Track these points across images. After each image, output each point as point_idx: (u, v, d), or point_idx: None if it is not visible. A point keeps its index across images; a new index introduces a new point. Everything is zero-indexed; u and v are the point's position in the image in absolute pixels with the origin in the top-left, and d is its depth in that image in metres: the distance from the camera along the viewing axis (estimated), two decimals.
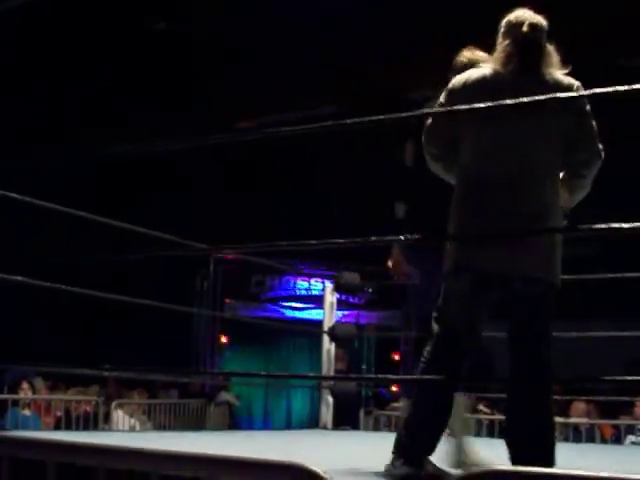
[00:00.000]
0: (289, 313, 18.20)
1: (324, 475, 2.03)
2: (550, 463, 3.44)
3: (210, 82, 13.71)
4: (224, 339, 18.14)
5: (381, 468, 3.64)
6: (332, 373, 8.38)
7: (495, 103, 3.43)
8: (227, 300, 17.87)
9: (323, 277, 15.52)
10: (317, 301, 15.41)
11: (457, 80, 3.86)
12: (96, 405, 9.74)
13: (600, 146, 3.75)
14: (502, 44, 3.83)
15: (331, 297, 8.16)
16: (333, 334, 8.21)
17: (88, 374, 10.16)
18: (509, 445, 3.58)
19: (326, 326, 8.02)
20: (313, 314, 16.99)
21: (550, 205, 3.66)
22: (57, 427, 9.23)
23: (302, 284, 18.28)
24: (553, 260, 3.64)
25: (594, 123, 3.73)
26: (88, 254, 7.55)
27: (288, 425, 16.66)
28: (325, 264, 14.65)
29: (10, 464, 2.57)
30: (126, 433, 8.86)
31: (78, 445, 2.58)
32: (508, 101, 3.36)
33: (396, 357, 16.73)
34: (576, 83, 3.73)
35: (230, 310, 17.90)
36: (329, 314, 8.13)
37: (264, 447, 3.92)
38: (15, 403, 8.92)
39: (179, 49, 13.17)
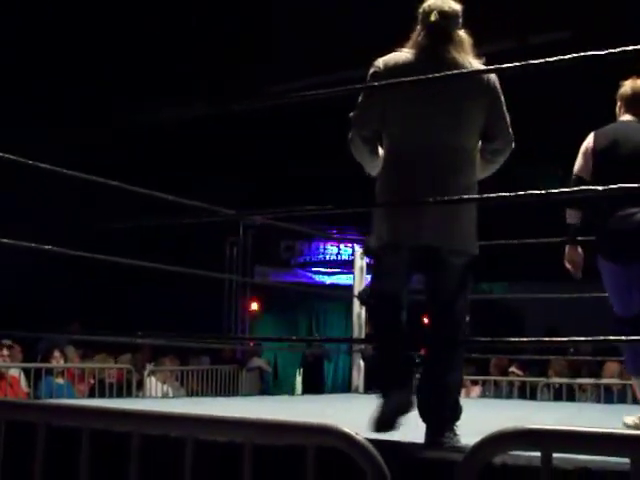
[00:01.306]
0: (319, 278, 18.22)
1: (356, 436, 2.03)
2: (455, 415, 3.77)
3: None
4: (255, 305, 18.20)
5: (411, 430, 3.66)
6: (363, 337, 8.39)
7: (411, 79, 3.69)
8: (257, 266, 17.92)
9: (353, 241, 15.54)
10: (347, 265, 15.44)
11: (379, 63, 4.01)
12: (129, 372, 9.81)
13: (512, 134, 3.96)
14: (415, 32, 4.02)
15: (361, 261, 8.17)
16: (363, 298, 8.22)
17: (119, 342, 10.24)
18: (418, 399, 3.78)
19: (356, 290, 8.03)
20: (343, 279, 17.03)
21: (470, 183, 3.87)
22: (90, 395, 9.30)
23: (332, 249, 18.30)
24: (473, 233, 3.90)
25: (506, 111, 3.92)
26: (118, 222, 7.56)
27: (322, 390, 16.71)
28: (355, 228, 14.64)
29: (45, 432, 2.58)
30: (159, 399, 8.93)
31: (112, 411, 2.59)
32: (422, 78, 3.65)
33: (426, 320, 16.70)
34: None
35: (260, 276, 17.95)
36: (359, 278, 8.14)
37: (297, 411, 3.94)
38: (48, 372, 8.98)
39: None
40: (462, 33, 3.97)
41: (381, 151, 4.08)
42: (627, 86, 5.19)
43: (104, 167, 6.95)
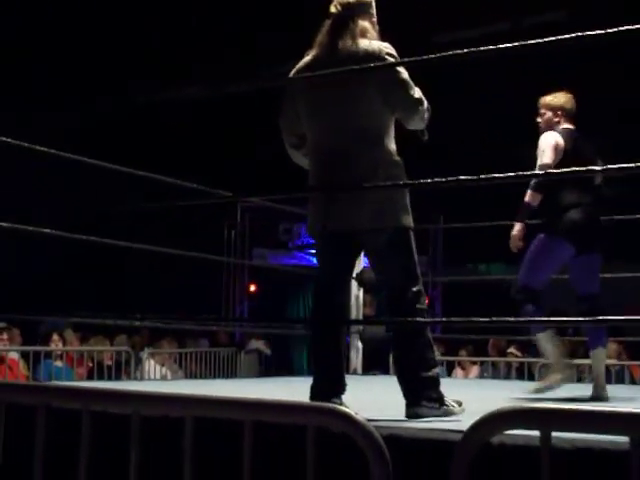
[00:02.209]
0: (315, 259, 18.21)
1: (356, 416, 2.03)
2: (431, 382, 3.88)
3: None
4: (253, 287, 18.20)
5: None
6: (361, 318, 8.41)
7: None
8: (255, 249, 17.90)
9: None
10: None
11: (293, 70, 4.27)
12: (127, 355, 9.83)
13: (417, 95, 4.10)
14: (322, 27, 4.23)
15: None
16: (361, 280, 8.24)
17: (117, 325, 10.25)
18: (398, 372, 4.00)
19: (354, 272, 8.02)
20: None
21: (380, 161, 4.01)
22: (89, 378, 9.32)
23: None
24: (392, 207, 4.00)
25: (404, 77, 4.05)
26: (114, 205, 7.57)
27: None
28: None
29: (45, 414, 2.58)
30: (158, 382, 8.94)
31: (111, 392, 2.60)
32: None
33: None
34: (383, 46, 4.08)
35: (258, 258, 17.94)
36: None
37: (295, 392, 3.95)
38: (47, 355, 8.98)
39: None
40: (363, 21, 4.15)
41: None
42: (568, 99, 5.85)
43: (97, 150, 6.92)
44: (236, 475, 2.23)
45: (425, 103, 4.16)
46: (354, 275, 7.96)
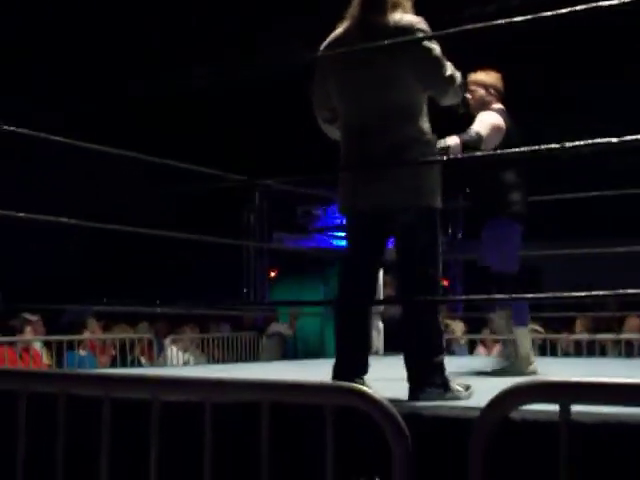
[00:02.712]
0: (337, 242, 18.20)
1: (376, 396, 2.03)
2: (437, 367, 3.83)
3: None
4: (273, 272, 18.21)
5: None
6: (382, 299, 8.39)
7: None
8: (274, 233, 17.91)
9: None
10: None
11: (324, 43, 4.21)
12: (149, 342, 9.86)
13: (449, 72, 4.03)
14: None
15: None
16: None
17: (140, 312, 10.28)
18: (404, 356, 3.92)
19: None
20: None
21: (409, 138, 3.94)
22: (112, 366, 9.35)
23: None
24: (422, 187, 3.93)
25: (436, 54, 3.98)
26: (132, 193, 7.58)
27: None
28: None
29: (66, 401, 2.59)
30: (180, 367, 8.97)
31: (131, 378, 2.61)
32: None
33: (444, 282, 16.69)
34: (415, 21, 3.98)
35: (278, 242, 17.96)
36: None
37: (317, 373, 3.95)
38: (71, 345, 9.01)
39: None
40: None
41: None
42: (499, 78, 5.84)
43: (105, 137, 6.92)
44: (256, 458, 2.24)
45: (458, 79, 4.09)
46: None
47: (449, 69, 4.03)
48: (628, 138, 3.03)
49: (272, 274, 18.19)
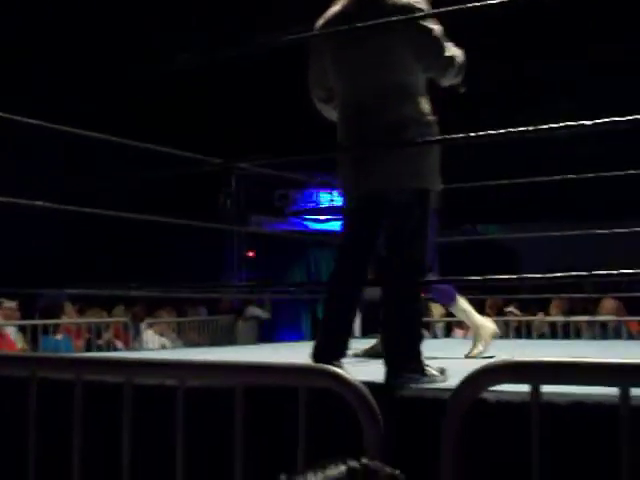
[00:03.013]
0: (313, 225, 18.21)
1: (348, 377, 2.03)
2: (414, 352, 3.76)
3: None
4: (250, 254, 18.21)
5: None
6: None
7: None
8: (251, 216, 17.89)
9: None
10: (340, 212, 15.39)
11: (319, 21, 4.12)
12: (125, 326, 9.84)
13: (449, 53, 3.94)
14: None
15: None
16: None
17: (115, 296, 10.24)
18: (382, 340, 3.90)
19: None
20: (337, 225, 17.03)
21: (408, 118, 3.86)
22: (88, 350, 9.31)
23: (325, 196, 18.28)
24: (419, 167, 3.86)
25: (436, 34, 3.89)
26: (108, 176, 7.54)
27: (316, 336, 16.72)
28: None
29: (38, 384, 2.58)
30: (156, 351, 8.95)
31: (105, 360, 2.60)
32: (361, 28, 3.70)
33: None
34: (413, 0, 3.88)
35: (255, 225, 17.93)
36: None
37: (292, 356, 3.96)
38: (46, 329, 8.96)
39: None
40: None
41: None
42: None
43: (85, 120, 6.88)
44: (229, 439, 2.23)
45: (458, 58, 3.99)
46: None
47: (449, 49, 3.95)
48: (601, 121, 3.02)
49: (250, 254, 18.17)
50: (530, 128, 3.03)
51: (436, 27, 3.90)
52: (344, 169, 4.03)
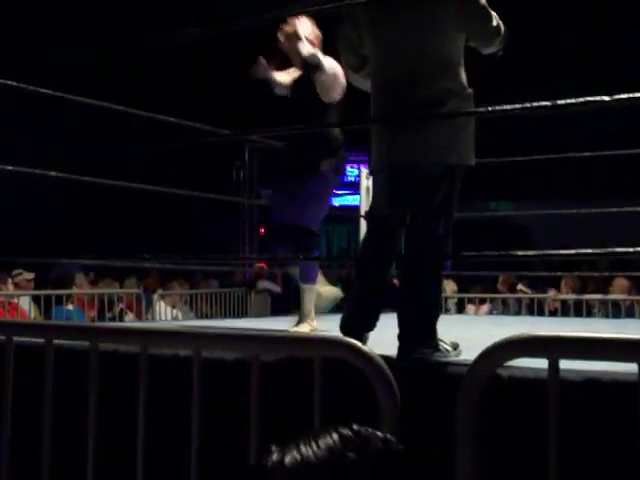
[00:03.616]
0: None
1: (364, 348, 2.03)
2: (429, 328, 3.75)
3: None
4: (262, 229, 18.20)
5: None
6: None
7: None
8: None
9: (358, 162, 15.47)
10: (354, 187, 15.37)
11: None
12: (137, 297, 9.85)
13: (494, 23, 3.86)
14: None
15: (367, 182, 8.13)
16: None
17: (128, 267, 10.26)
18: (398, 314, 3.78)
19: (363, 211, 8.00)
20: (350, 200, 17.00)
21: (446, 91, 3.77)
22: (100, 320, 9.33)
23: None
24: (455, 141, 3.78)
25: (483, 4, 3.81)
26: (118, 148, 7.53)
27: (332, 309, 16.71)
28: (359, 149, 14.55)
29: (52, 352, 2.59)
30: (169, 322, 8.97)
31: (119, 329, 2.60)
32: None
33: None
34: None
35: (267, 199, 17.91)
36: (365, 199, 8.11)
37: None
38: (59, 300, 8.99)
39: None
40: None
41: None
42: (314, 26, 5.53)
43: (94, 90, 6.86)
44: (246, 409, 2.24)
45: (502, 29, 3.90)
46: (363, 213, 7.98)
47: (495, 20, 3.87)
48: (623, 96, 2.98)
49: (262, 230, 18.16)
50: (560, 102, 2.97)
51: None
52: (377, 138, 3.95)
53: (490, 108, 3.28)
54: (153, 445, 2.43)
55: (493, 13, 3.87)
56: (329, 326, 4.11)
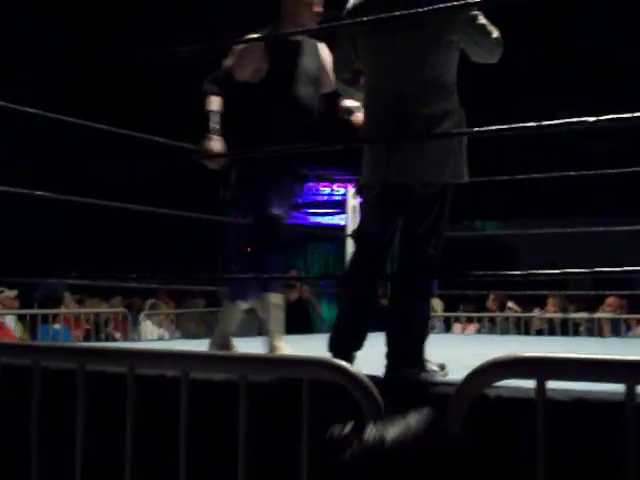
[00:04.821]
0: (313, 219, 18.19)
1: (351, 369, 2.03)
2: (416, 348, 3.73)
3: None
4: (248, 249, 18.19)
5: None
6: None
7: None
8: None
9: (345, 182, 15.50)
10: (340, 206, 15.39)
11: (348, 5, 4.00)
12: (124, 316, 9.83)
13: (495, 35, 3.82)
14: None
15: (353, 201, 8.14)
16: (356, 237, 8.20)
17: (114, 287, 10.24)
18: (387, 332, 3.77)
19: (349, 230, 8.01)
20: (336, 219, 17.04)
21: (444, 111, 3.77)
22: (86, 339, 9.31)
23: (324, 190, 18.27)
24: (449, 161, 3.76)
25: (482, 22, 3.79)
26: (108, 165, 7.53)
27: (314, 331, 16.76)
28: (346, 169, 14.59)
29: (40, 374, 2.58)
30: (155, 341, 8.95)
31: (106, 350, 2.60)
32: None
33: None
34: None
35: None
36: (352, 218, 8.12)
37: (292, 348, 3.95)
38: (45, 319, 8.97)
39: None
40: None
41: None
42: None
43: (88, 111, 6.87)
44: (233, 431, 2.23)
45: (500, 40, 3.84)
46: (349, 231, 7.98)
47: (494, 32, 3.83)
48: (604, 118, 3.00)
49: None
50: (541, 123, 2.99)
51: (478, 12, 3.80)
52: (371, 155, 3.93)
53: (483, 128, 3.29)
54: (141, 466, 2.42)
55: (492, 27, 3.84)
56: (316, 346, 4.09)
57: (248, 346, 4.90)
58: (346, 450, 1.43)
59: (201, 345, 5.22)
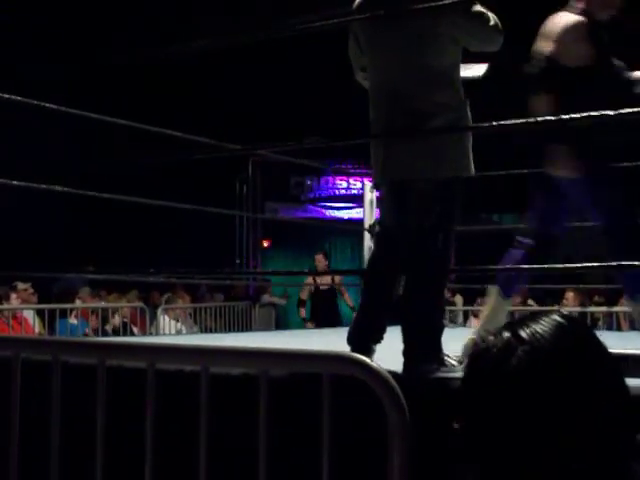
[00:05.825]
0: (330, 213, 18.20)
1: (372, 364, 2.02)
2: (433, 343, 3.76)
3: None
4: (266, 242, 18.21)
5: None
6: None
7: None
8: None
9: (362, 175, 15.50)
10: (357, 200, 15.39)
11: (355, 3, 4.07)
12: (141, 311, 9.85)
13: (492, 23, 3.80)
14: None
15: (370, 195, 8.13)
16: (374, 231, 8.19)
17: (133, 281, 10.27)
18: (402, 329, 3.80)
19: (367, 224, 8.00)
20: (353, 213, 17.04)
21: (440, 104, 3.78)
22: (104, 335, 9.34)
23: (341, 183, 18.26)
24: (448, 155, 3.78)
25: (478, 10, 3.78)
26: (127, 160, 7.53)
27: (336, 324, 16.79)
28: (364, 162, 14.60)
29: (60, 368, 2.58)
30: (173, 336, 8.96)
31: (126, 345, 2.59)
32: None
33: None
34: None
35: (271, 212, 17.94)
36: (369, 212, 8.11)
37: (311, 342, 3.95)
38: (63, 313, 9.00)
39: None
40: None
41: None
42: None
43: (99, 105, 6.88)
44: (254, 426, 2.23)
45: (499, 24, 3.82)
46: (367, 226, 7.97)
47: (492, 19, 3.81)
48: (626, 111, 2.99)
49: (265, 244, 18.18)
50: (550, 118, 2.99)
51: (475, 3, 3.79)
52: (373, 153, 3.98)
53: (486, 124, 3.29)
54: (161, 461, 2.42)
55: (489, 14, 3.83)
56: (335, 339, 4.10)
57: (270, 339, 4.91)
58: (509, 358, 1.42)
59: (219, 340, 5.24)
